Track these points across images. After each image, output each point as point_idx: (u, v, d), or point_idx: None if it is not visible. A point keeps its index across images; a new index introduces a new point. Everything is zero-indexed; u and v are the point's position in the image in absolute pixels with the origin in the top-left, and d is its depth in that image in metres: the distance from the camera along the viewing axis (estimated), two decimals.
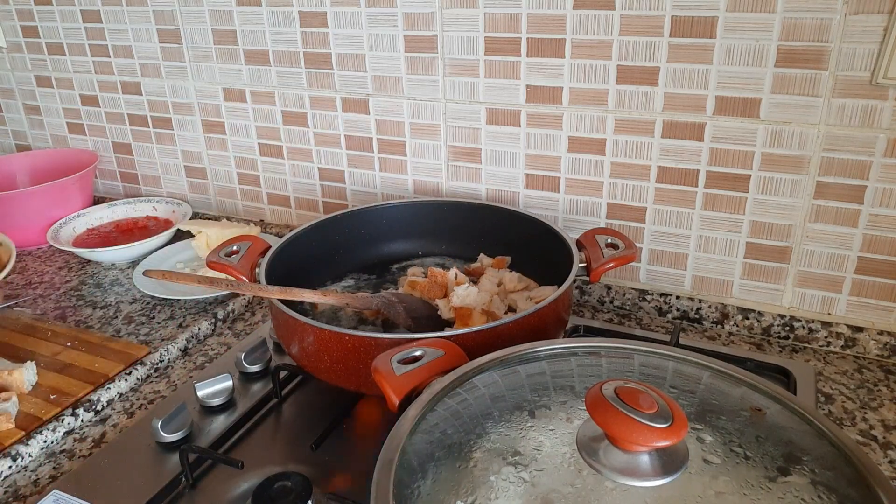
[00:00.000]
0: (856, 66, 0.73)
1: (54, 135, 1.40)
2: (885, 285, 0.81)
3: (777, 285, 0.87)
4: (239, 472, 0.66)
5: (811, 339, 0.87)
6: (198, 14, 1.10)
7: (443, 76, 0.95)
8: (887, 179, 0.76)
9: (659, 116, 0.84)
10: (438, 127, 0.99)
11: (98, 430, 0.76)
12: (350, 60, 1.01)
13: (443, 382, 0.52)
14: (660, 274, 0.93)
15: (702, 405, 0.50)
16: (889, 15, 0.70)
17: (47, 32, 1.27)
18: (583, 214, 0.94)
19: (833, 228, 0.81)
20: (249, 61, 1.09)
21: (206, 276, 0.74)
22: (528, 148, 0.94)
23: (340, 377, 0.68)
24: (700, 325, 0.92)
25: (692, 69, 0.80)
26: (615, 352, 0.58)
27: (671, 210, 0.89)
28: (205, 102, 1.17)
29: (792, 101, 0.77)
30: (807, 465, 0.43)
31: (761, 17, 0.75)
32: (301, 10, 1.01)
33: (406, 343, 0.58)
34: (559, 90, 0.88)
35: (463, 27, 0.91)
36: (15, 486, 0.68)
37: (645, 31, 0.81)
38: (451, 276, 0.83)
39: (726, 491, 0.41)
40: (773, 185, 0.82)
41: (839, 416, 0.74)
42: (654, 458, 0.41)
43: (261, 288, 0.72)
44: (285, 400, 0.78)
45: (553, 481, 0.41)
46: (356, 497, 0.62)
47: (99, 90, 1.28)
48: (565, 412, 0.48)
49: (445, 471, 0.44)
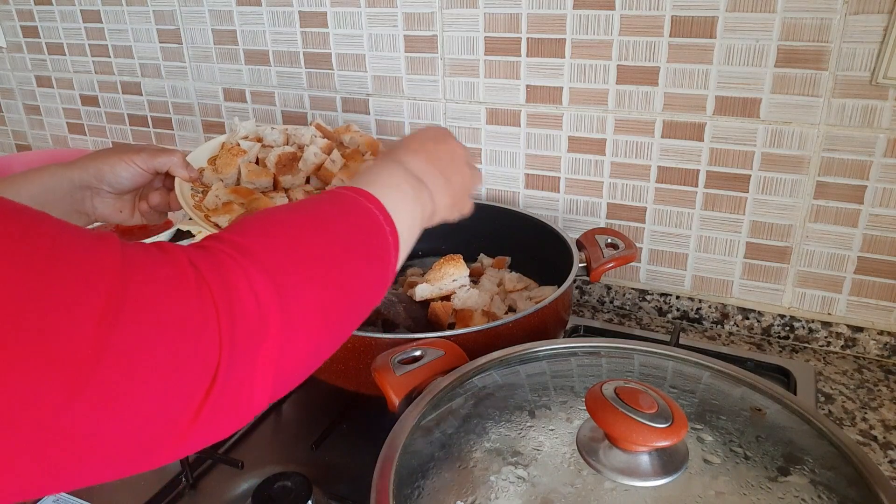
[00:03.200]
0: (856, 66, 0.73)
1: (54, 135, 1.40)
2: (885, 285, 0.81)
3: (777, 285, 0.87)
4: (239, 472, 0.66)
5: (811, 339, 0.87)
6: (198, 14, 1.10)
7: (443, 76, 0.95)
8: (887, 179, 0.76)
9: (659, 116, 0.84)
10: None
11: None
12: (350, 60, 1.01)
13: (443, 382, 0.52)
14: (660, 274, 0.93)
15: (702, 405, 0.50)
16: (889, 15, 0.70)
17: (47, 32, 1.27)
18: (583, 214, 0.94)
19: (833, 228, 0.81)
20: (249, 61, 1.09)
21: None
22: (528, 148, 0.94)
23: (340, 377, 0.68)
24: (700, 325, 0.92)
25: (692, 69, 0.80)
26: (615, 352, 0.58)
27: (671, 210, 0.89)
28: (205, 102, 1.17)
29: (792, 101, 0.77)
30: (807, 465, 0.43)
31: (761, 17, 0.75)
32: (301, 10, 1.01)
33: (406, 343, 0.58)
34: (559, 90, 0.88)
35: (463, 27, 0.91)
36: None
37: (645, 31, 0.81)
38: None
39: (726, 491, 0.41)
40: (773, 185, 0.82)
41: (839, 416, 0.74)
42: (654, 458, 0.41)
43: None
44: (285, 400, 0.78)
45: (553, 481, 0.41)
46: (356, 497, 0.62)
47: (99, 90, 1.28)
48: (565, 412, 0.48)
49: (445, 471, 0.44)
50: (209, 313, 0.31)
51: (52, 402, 0.26)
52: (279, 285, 0.35)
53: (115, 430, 0.28)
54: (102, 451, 0.29)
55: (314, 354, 0.40)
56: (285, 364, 0.36)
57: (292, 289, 0.36)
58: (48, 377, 0.25)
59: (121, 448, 0.29)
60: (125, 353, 0.28)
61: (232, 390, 0.33)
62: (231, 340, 0.32)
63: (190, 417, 0.31)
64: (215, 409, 0.32)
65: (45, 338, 0.25)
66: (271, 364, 0.35)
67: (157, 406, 0.30)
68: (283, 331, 0.35)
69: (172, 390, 0.30)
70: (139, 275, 0.30)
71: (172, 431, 0.31)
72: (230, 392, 0.33)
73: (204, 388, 0.31)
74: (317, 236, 0.41)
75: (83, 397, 0.26)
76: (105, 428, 0.28)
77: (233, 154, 0.71)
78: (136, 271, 0.30)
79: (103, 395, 0.27)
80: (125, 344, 0.28)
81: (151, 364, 0.29)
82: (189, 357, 0.30)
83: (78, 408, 0.26)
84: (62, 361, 0.26)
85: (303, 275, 0.38)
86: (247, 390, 0.34)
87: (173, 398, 0.30)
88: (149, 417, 0.29)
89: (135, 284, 0.29)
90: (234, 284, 0.33)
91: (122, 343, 0.28)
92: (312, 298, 0.38)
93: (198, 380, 0.31)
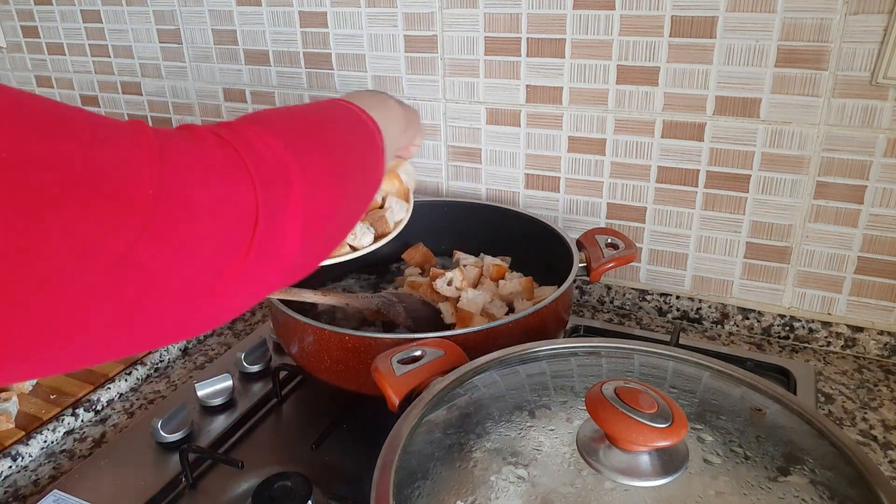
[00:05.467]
0: (856, 66, 0.73)
1: None
2: (885, 285, 0.81)
3: (777, 285, 0.87)
4: (239, 472, 0.66)
5: (811, 339, 0.87)
6: (198, 14, 1.10)
7: (443, 76, 0.95)
8: (887, 179, 0.76)
9: (659, 116, 0.84)
10: (438, 127, 0.99)
11: (98, 430, 0.76)
12: (350, 60, 1.01)
13: (443, 382, 0.52)
14: (660, 274, 0.93)
15: (702, 405, 0.50)
16: (889, 15, 0.70)
17: (47, 32, 1.27)
18: (583, 214, 0.94)
19: (833, 228, 0.81)
20: (249, 61, 1.09)
21: None
22: (528, 148, 0.94)
23: (340, 377, 0.68)
24: (700, 325, 0.92)
25: (692, 69, 0.80)
26: (615, 352, 0.58)
27: (671, 210, 0.89)
28: (205, 102, 1.17)
29: (792, 101, 0.77)
30: (807, 465, 0.43)
31: (761, 17, 0.75)
32: (301, 10, 1.01)
33: (406, 343, 0.58)
34: (559, 90, 0.88)
35: (463, 27, 0.91)
36: (15, 486, 0.68)
37: (645, 31, 0.81)
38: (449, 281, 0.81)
39: (726, 491, 0.41)
40: (773, 185, 0.82)
41: (839, 416, 0.74)
42: (654, 458, 0.41)
43: None
44: (285, 400, 0.78)
45: (553, 481, 0.41)
46: (356, 497, 0.62)
47: (99, 90, 1.28)
48: (565, 412, 0.48)
49: (445, 471, 0.44)
50: (237, 162, 0.35)
51: (124, 237, 0.28)
52: (293, 147, 0.40)
53: (178, 267, 0.31)
54: (169, 290, 0.32)
55: (333, 218, 0.44)
56: (310, 217, 0.40)
57: (305, 151, 0.41)
58: (118, 213, 0.28)
59: (184, 288, 0.32)
60: (176, 193, 0.31)
61: (272, 233, 0.36)
62: (263, 186, 0.36)
63: (241, 256, 0.35)
64: (260, 250, 0.36)
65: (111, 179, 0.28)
66: (299, 214, 0.38)
67: (211, 243, 0.33)
68: (303, 183, 0.39)
69: (222, 227, 0.34)
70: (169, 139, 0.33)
71: (226, 272, 0.34)
72: (271, 235, 0.36)
73: (249, 227, 0.35)
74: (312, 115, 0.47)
75: (149, 232, 0.29)
76: (170, 264, 0.31)
77: None
78: (165, 135, 0.33)
79: (165, 231, 0.30)
80: (174, 184, 0.31)
81: (200, 203, 0.32)
82: (229, 198, 0.34)
83: (145, 242, 0.29)
84: (128, 200, 0.29)
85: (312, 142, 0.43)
86: (283, 236, 0.38)
87: (224, 235, 0.34)
88: (205, 256, 0.33)
89: (168, 142, 0.32)
90: (253, 142, 0.37)
91: (172, 184, 0.31)
92: (323, 161, 0.42)
93: (241, 220, 0.35)
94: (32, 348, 0.28)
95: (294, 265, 0.40)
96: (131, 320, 0.31)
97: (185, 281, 0.32)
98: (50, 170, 0.26)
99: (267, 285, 0.39)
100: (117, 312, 0.30)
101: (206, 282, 0.33)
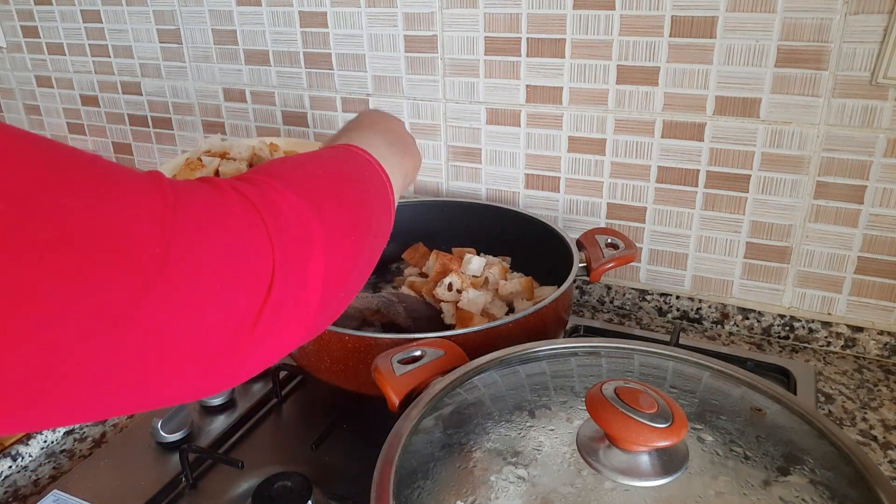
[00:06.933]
0: (856, 66, 0.73)
1: (54, 135, 1.40)
2: (885, 285, 0.81)
3: (777, 285, 0.87)
4: (239, 472, 0.66)
5: (811, 339, 0.87)
6: (198, 14, 1.10)
7: (443, 76, 0.95)
8: (887, 179, 0.76)
9: (659, 116, 0.84)
10: (438, 127, 0.99)
11: (98, 430, 0.76)
12: (350, 60, 1.01)
13: (443, 382, 0.52)
14: (660, 274, 0.93)
15: (702, 405, 0.50)
16: (889, 15, 0.70)
17: (47, 32, 1.27)
18: (583, 214, 0.94)
19: (833, 228, 0.81)
20: (249, 61, 1.09)
21: None
22: (528, 148, 0.94)
23: (340, 377, 0.68)
24: (700, 325, 0.92)
25: (692, 69, 0.80)
26: (615, 352, 0.58)
27: (671, 210, 0.89)
28: (205, 102, 1.17)
29: (792, 101, 0.77)
30: (807, 465, 0.43)
31: (761, 17, 0.75)
32: (301, 10, 1.01)
33: (406, 343, 0.58)
34: (559, 90, 0.88)
35: (463, 27, 0.91)
36: (15, 486, 0.68)
37: (645, 31, 0.81)
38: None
39: (726, 491, 0.41)
40: (773, 185, 0.82)
41: (839, 416, 0.74)
42: (654, 458, 0.41)
43: None
44: (285, 400, 0.78)
45: (553, 481, 0.41)
46: (356, 497, 0.62)
47: (99, 90, 1.28)
48: (565, 412, 0.48)
49: (445, 471, 0.44)
50: (255, 221, 0.34)
51: (126, 297, 0.27)
52: (315, 206, 0.39)
53: (183, 330, 0.30)
54: (172, 354, 0.30)
55: (351, 275, 0.43)
56: (331, 277, 0.39)
57: (327, 210, 0.40)
58: (122, 272, 0.27)
59: (189, 353, 0.31)
60: (186, 253, 0.30)
61: (288, 296, 0.35)
62: (281, 245, 0.35)
63: (252, 321, 0.33)
64: (274, 313, 0.34)
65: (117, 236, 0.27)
66: (320, 274, 0.37)
67: (221, 307, 0.31)
68: (324, 244, 0.38)
69: (233, 290, 0.32)
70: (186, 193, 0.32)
71: (237, 337, 0.33)
72: (287, 298, 0.35)
73: (263, 291, 0.33)
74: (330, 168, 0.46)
75: (154, 293, 0.28)
76: (175, 327, 0.29)
77: (191, 169, 0.72)
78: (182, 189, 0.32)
79: (171, 292, 0.29)
80: (185, 244, 0.30)
81: (211, 264, 0.31)
82: (244, 257, 0.33)
83: (149, 304, 0.28)
84: (133, 258, 0.28)
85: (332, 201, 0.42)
86: (301, 296, 0.36)
87: (235, 299, 0.32)
88: (214, 320, 0.31)
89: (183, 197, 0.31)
90: (274, 200, 0.36)
91: (183, 243, 0.30)
92: (343, 219, 0.42)
93: (256, 282, 0.33)
94: (32, 399, 0.27)
95: (315, 324, 0.39)
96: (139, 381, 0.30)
97: (193, 344, 0.31)
98: (50, 223, 0.25)
99: (285, 346, 0.37)
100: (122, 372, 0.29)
101: (217, 346, 0.32)
